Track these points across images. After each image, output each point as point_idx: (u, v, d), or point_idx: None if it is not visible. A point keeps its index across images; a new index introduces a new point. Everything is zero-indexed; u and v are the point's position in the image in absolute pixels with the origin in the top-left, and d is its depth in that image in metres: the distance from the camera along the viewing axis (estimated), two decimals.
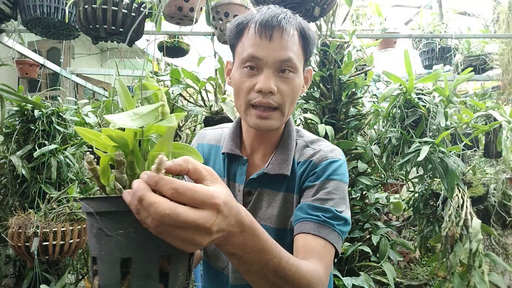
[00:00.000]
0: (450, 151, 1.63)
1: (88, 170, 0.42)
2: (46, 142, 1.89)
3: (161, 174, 0.38)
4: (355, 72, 1.87)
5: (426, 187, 1.99)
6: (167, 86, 1.81)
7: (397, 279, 1.94)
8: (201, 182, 0.42)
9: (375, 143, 1.84)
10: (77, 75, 3.25)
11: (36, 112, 1.90)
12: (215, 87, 1.83)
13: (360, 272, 1.59)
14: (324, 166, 0.76)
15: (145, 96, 0.45)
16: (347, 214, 0.75)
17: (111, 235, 0.39)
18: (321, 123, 1.78)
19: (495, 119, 1.76)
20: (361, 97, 1.88)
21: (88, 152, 0.43)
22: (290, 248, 0.73)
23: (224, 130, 0.90)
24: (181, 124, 2.03)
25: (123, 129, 0.41)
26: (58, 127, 1.95)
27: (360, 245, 1.65)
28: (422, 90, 1.76)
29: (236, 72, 0.76)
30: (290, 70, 0.73)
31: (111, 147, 0.42)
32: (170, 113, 1.48)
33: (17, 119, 1.96)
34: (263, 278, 0.51)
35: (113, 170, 0.43)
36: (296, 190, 0.78)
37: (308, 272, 0.58)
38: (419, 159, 1.53)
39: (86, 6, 1.54)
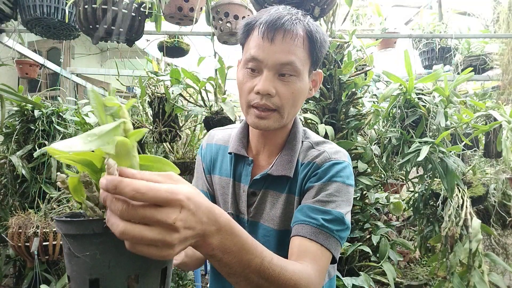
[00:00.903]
0: (450, 151, 1.63)
1: (63, 189, 0.43)
2: (46, 142, 1.89)
3: (120, 177, 0.37)
4: (355, 72, 1.87)
5: (426, 187, 1.99)
6: (167, 86, 1.81)
7: (397, 279, 1.94)
8: None
9: (375, 143, 1.84)
10: (77, 75, 3.25)
11: (36, 112, 1.91)
12: (215, 87, 1.84)
13: (360, 272, 1.59)
14: (326, 168, 0.75)
15: (110, 113, 0.45)
16: (348, 217, 0.73)
17: (79, 257, 0.40)
18: (321, 123, 1.78)
19: (495, 119, 1.76)
20: (361, 97, 1.88)
21: (58, 172, 0.44)
22: None
23: (233, 131, 0.90)
24: (181, 124, 2.03)
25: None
26: (58, 127, 1.95)
27: (360, 245, 1.65)
28: (422, 90, 1.76)
29: (240, 72, 0.77)
30: (291, 73, 0.72)
31: (80, 166, 0.42)
32: (169, 113, 1.47)
33: (17, 119, 1.96)
34: (246, 280, 0.50)
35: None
36: (297, 192, 0.78)
37: (294, 273, 0.56)
38: (419, 159, 1.53)
39: (86, 6, 1.54)
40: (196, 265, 0.87)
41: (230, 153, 0.85)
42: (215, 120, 1.73)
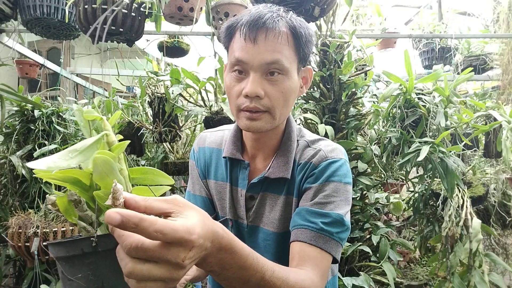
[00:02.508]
0: (450, 151, 1.63)
1: (55, 211, 0.41)
2: (46, 142, 1.89)
3: (140, 214, 0.36)
4: (355, 72, 1.87)
5: (426, 187, 1.99)
6: (167, 86, 1.81)
7: (397, 279, 1.94)
8: (168, 216, 0.40)
9: (375, 143, 1.84)
10: (77, 75, 3.25)
11: (36, 112, 1.91)
12: (215, 87, 1.84)
13: (360, 272, 1.59)
14: (323, 167, 0.74)
15: (94, 127, 0.43)
16: (347, 217, 0.72)
17: (72, 280, 0.39)
18: (321, 123, 1.78)
19: (495, 119, 1.76)
20: (361, 97, 1.88)
21: (47, 195, 0.41)
22: None
23: (225, 133, 0.88)
24: (181, 124, 2.03)
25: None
26: (58, 127, 1.95)
27: (360, 245, 1.65)
28: (422, 90, 1.76)
29: (227, 77, 0.74)
30: (279, 72, 0.69)
31: (68, 185, 0.40)
32: (169, 113, 1.46)
33: (17, 119, 1.96)
34: None
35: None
36: (295, 193, 0.77)
37: (296, 282, 0.57)
38: (419, 159, 1.53)
39: (86, 6, 1.54)
40: (206, 276, 0.86)
41: (224, 157, 0.82)
42: (215, 120, 1.73)
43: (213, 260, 0.44)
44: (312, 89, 1.89)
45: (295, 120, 1.96)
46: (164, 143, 2.16)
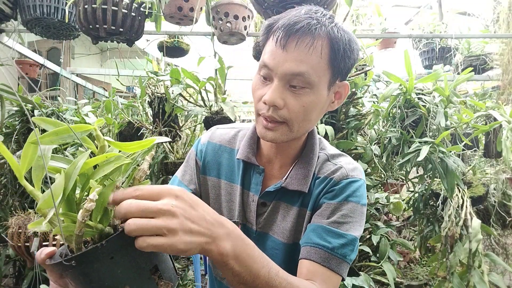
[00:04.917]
0: (450, 151, 1.63)
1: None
2: None
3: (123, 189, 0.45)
4: (355, 72, 1.87)
5: (426, 187, 1.99)
6: (167, 86, 1.81)
7: (397, 279, 1.94)
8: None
9: (375, 143, 1.84)
10: (77, 75, 3.25)
11: (36, 112, 1.90)
12: (215, 87, 1.83)
13: (360, 272, 1.59)
14: (344, 185, 0.72)
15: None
16: (359, 238, 0.72)
17: (122, 273, 0.43)
18: (321, 123, 1.78)
19: (495, 119, 1.76)
20: (361, 97, 1.88)
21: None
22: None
23: (240, 132, 0.85)
24: (181, 124, 2.03)
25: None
26: None
27: (360, 245, 1.65)
28: (422, 90, 1.76)
29: (255, 77, 0.71)
30: (302, 85, 0.64)
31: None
32: (169, 113, 1.50)
33: (17, 119, 1.96)
34: None
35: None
36: (310, 207, 0.75)
37: (299, 287, 0.56)
38: (419, 159, 1.53)
39: (86, 6, 1.54)
40: None
41: (238, 159, 0.80)
42: (215, 120, 1.73)
43: (227, 246, 0.45)
44: None
45: None
46: (164, 143, 2.16)
